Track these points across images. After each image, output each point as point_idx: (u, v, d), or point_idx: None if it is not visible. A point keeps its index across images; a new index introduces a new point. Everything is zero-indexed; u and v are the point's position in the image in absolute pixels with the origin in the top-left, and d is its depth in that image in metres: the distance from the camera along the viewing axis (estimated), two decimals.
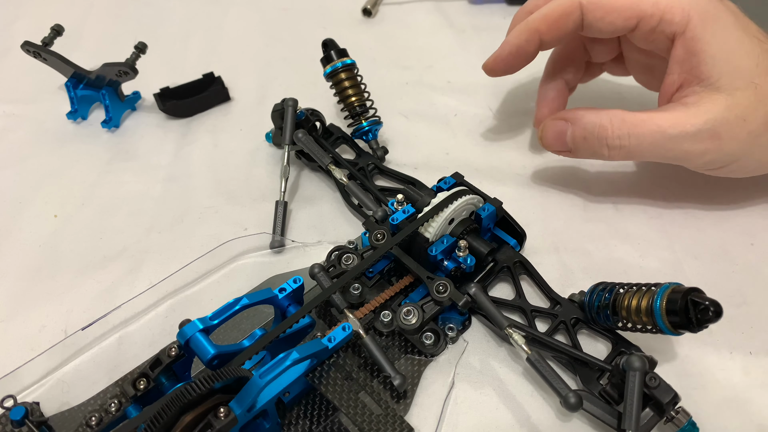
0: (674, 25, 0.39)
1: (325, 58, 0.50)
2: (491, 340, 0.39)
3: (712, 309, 0.30)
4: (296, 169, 0.51)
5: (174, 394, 0.30)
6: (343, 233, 0.46)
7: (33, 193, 0.51)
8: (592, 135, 0.41)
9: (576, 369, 0.36)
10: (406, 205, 0.41)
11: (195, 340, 0.32)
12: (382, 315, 0.39)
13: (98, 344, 0.40)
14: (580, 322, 0.38)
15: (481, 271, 0.41)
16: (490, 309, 0.37)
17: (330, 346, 0.34)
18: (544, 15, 0.43)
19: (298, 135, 0.47)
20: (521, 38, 0.43)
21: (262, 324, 0.39)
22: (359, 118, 0.50)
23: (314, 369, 0.36)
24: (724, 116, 0.38)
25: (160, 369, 0.33)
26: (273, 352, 0.36)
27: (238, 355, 0.33)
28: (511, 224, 0.43)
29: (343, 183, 0.45)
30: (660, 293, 0.32)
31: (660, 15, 0.39)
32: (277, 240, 0.44)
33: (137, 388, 0.32)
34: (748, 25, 0.40)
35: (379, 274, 0.42)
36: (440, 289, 0.38)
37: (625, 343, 0.37)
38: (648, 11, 0.40)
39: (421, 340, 0.38)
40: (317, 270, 0.39)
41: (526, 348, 0.35)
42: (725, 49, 0.38)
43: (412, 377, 0.37)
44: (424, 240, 0.39)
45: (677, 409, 0.33)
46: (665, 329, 0.32)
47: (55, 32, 0.54)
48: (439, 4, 0.70)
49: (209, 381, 0.30)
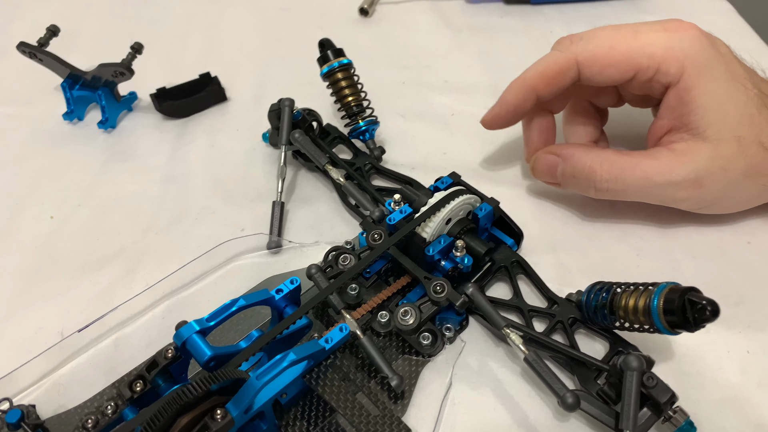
0: (669, 76, 0.40)
1: (321, 57, 0.50)
2: (489, 340, 0.39)
3: (709, 308, 0.30)
4: (293, 169, 0.51)
5: (170, 396, 0.30)
6: (341, 233, 0.46)
7: (29, 194, 0.51)
8: (582, 174, 0.42)
9: (573, 369, 0.36)
10: (403, 205, 0.41)
11: (191, 342, 0.32)
12: (380, 315, 0.39)
13: (95, 346, 0.39)
14: (578, 321, 0.38)
15: (479, 271, 0.41)
16: (487, 309, 0.37)
17: (327, 347, 0.34)
18: (540, 72, 0.43)
19: (294, 135, 0.47)
20: (518, 97, 0.44)
21: (259, 325, 0.39)
22: (356, 117, 0.50)
23: (311, 370, 0.35)
24: (708, 167, 0.40)
25: (156, 371, 0.32)
26: (270, 353, 0.36)
27: (234, 357, 0.33)
28: (508, 224, 0.43)
29: (340, 183, 0.45)
30: (657, 293, 0.32)
31: (656, 67, 0.40)
32: (274, 240, 0.44)
33: (134, 390, 0.32)
34: (737, 71, 0.41)
35: (376, 275, 0.42)
36: (437, 290, 0.37)
37: (622, 343, 0.37)
38: (644, 64, 0.40)
39: (419, 341, 0.38)
40: (314, 271, 0.39)
41: (524, 348, 0.35)
42: (715, 100, 0.39)
43: (410, 378, 0.37)
44: (421, 240, 0.39)
45: (675, 409, 0.33)
46: (662, 329, 0.32)
47: (51, 33, 0.54)
48: (436, 3, 0.70)
49: (206, 383, 0.30)
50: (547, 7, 0.69)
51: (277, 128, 0.48)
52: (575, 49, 0.42)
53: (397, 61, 0.63)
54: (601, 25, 0.44)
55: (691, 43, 0.40)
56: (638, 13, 0.68)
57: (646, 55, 0.40)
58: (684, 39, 0.40)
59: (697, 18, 0.42)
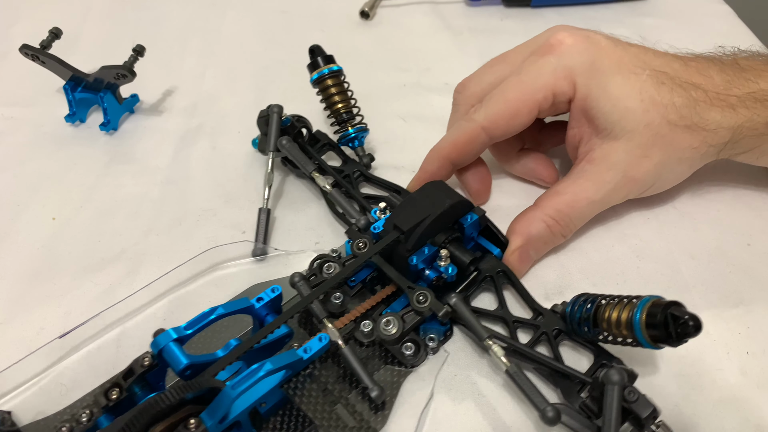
0: (566, 94, 0.42)
1: (311, 64, 0.49)
2: (473, 351, 0.39)
3: (691, 323, 0.29)
4: (282, 175, 0.51)
5: (144, 405, 0.30)
6: (329, 241, 0.46)
7: (31, 196, 0.51)
8: (549, 238, 0.43)
9: (557, 381, 0.36)
10: (388, 213, 0.41)
11: (168, 350, 0.32)
12: (363, 325, 0.38)
13: (76, 352, 0.39)
14: (563, 333, 0.38)
15: (464, 280, 0.41)
16: (470, 320, 0.36)
17: (305, 357, 0.34)
18: (451, 142, 0.44)
19: (282, 142, 0.47)
20: (434, 166, 0.45)
21: (241, 334, 0.39)
22: (345, 124, 0.50)
23: (290, 380, 0.35)
24: (630, 161, 0.41)
25: (132, 379, 0.32)
26: (250, 362, 0.35)
27: (211, 366, 0.32)
28: (495, 233, 0.43)
29: (327, 191, 0.45)
30: (640, 306, 0.32)
31: (551, 94, 0.41)
32: (260, 248, 0.44)
33: (109, 398, 0.32)
34: (622, 60, 0.41)
35: (361, 283, 0.41)
36: (420, 299, 0.37)
37: (606, 356, 0.36)
38: (540, 97, 0.41)
39: (401, 351, 0.38)
40: (297, 279, 0.39)
41: (505, 360, 0.34)
42: (611, 98, 0.40)
43: (391, 388, 0.37)
44: (405, 249, 0.39)
45: (658, 423, 0.32)
46: (644, 342, 0.31)
47: (53, 35, 0.54)
48: (436, 6, 0.71)
49: (180, 391, 0.30)
50: (547, 10, 0.69)
51: (267, 134, 0.48)
52: (477, 117, 0.43)
53: (398, 64, 0.63)
54: (601, 28, 0.44)
55: (570, 56, 0.41)
56: (637, 15, 0.68)
57: (537, 89, 0.41)
58: (562, 56, 0.41)
59: (696, 21, 0.43)
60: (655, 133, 0.40)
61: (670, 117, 0.40)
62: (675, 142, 0.41)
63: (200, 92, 0.61)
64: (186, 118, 0.58)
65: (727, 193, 0.47)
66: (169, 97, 0.60)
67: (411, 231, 0.38)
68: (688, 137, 0.41)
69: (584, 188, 0.42)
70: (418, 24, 0.69)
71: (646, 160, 0.41)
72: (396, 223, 0.38)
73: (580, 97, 0.41)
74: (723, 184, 0.46)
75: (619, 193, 0.42)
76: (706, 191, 0.47)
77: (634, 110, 0.40)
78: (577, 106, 0.42)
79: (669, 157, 0.41)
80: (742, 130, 0.41)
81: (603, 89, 0.40)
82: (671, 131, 0.40)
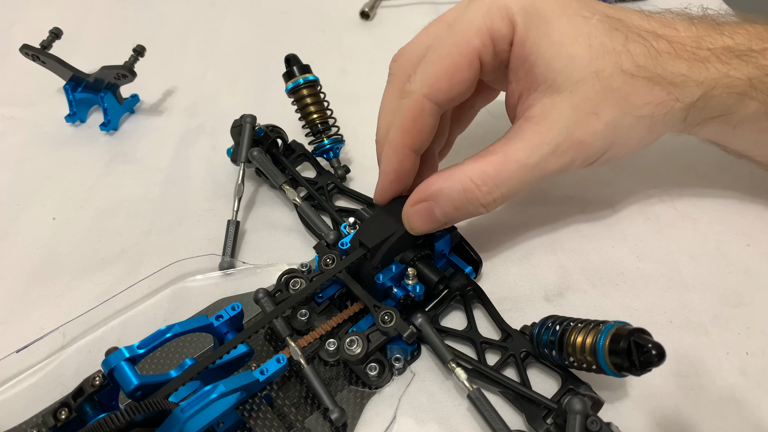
0: (506, 38, 0.35)
1: (286, 73, 0.49)
2: (439, 373, 0.38)
3: (654, 351, 0.28)
4: (255, 186, 0.50)
5: (91, 427, 0.29)
6: (299, 255, 0.45)
7: (31, 196, 0.50)
8: (462, 202, 0.36)
9: (523, 406, 0.35)
10: (357, 228, 0.40)
11: (119, 370, 0.31)
12: (328, 343, 0.37)
13: (31, 369, 0.38)
14: (531, 356, 0.37)
15: (434, 298, 0.40)
16: (434, 341, 0.36)
17: (261, 379, 0.33)
18: (400, 128, 0.37)
19: (253, 153, 0.46)
20: (395, 162, 0.38)
21: (202, 351, 0.38)
22: (321, 135, 0.49)
23: (245, 402, 0.34)
24: (575, 118, 0.34)
25: (82, 399, 0.31)
26: (208, 382, 0.34)
27: (164, 386, 0.32)
28: (467, 251, 0.42)
29: (297, 204, 0.44)
30: (604, 332, 0.31)
31: (490, 40, 0.35)
32: (227, 261, 0.43)
33: (58, 419, 0.31)
34: (568, 2, 0.35)
35: (329, 300, 0.40)
36: (386, 319, 0.36)
37: (574, 380, 0.35)
38: (478, 43, 0.35)
39: (365, 371, 0.37)
40: (261, 295, 0.38)
41: (468, 384, 0.33)
42: (554, 42, 0.34)
43: (354, 410, 0.36)
44: (371, 267, 0.38)
45: None
46: (607, 370, 0.30)
47: (54, 35, 0.54)
48: (436, 6, 0.70)
49: (128, 413, 0.29)
50: None
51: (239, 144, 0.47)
52: (414, 87, 0.36)
53: None
54: None
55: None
56: None
57: (472, 36, 0.35)
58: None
59: None
60: (606, 85, 0.34)
61: (625, 66, 0.34)
62: (631, 96, 0.35)
63: (200, 92, 0.61)
64: (186, 118, 0.58)
65: (726, 194, 0.47)
66: (169, 97, 0.60)
67: (376, 248, 0.37)
68: (647, 91, 0.35)
69: (516, 149, 0.35)
70: (418, 24, 0.67)
71: (595, 118, 0.35)
72: (361, 239, 0.37)
73: (519, 41, 0.35)
74: (723, 185, 0.46)
75: (561, 158, 0.35)
76: (706, 191, 0.47)
77: (581, 57, 0.34)
78: (515, 53, 0.35)
79: (624, 114, 0.35)
80: (717, 87, 0.36)
81: (544, 32, 0.34)
82: (626, 83, 0.34)
